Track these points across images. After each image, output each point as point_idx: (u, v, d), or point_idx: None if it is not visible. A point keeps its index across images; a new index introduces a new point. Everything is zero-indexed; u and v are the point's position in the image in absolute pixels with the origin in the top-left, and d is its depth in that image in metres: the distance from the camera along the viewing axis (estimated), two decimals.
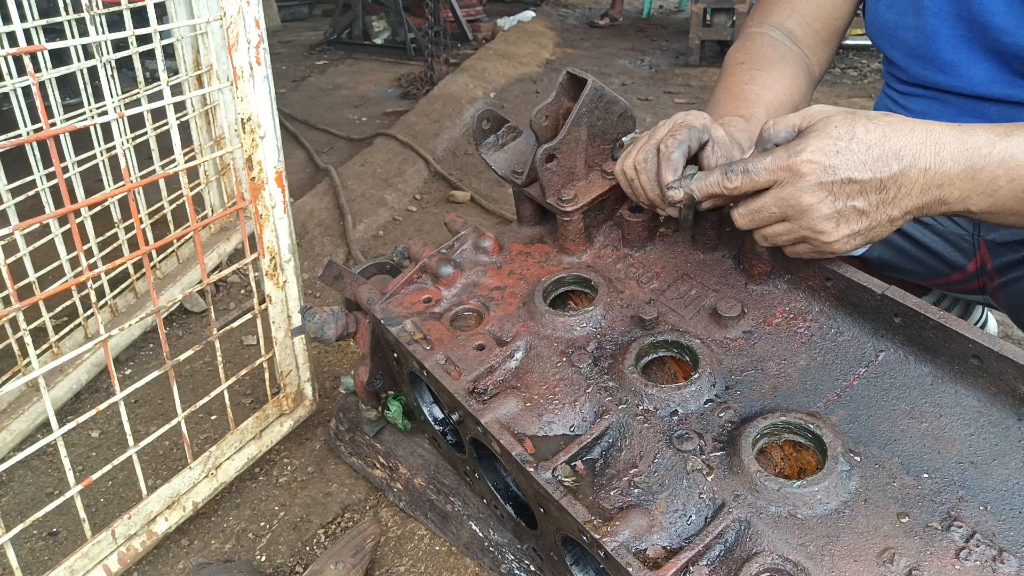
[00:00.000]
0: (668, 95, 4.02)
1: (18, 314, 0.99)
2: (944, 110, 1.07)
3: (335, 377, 1.61)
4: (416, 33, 4.63)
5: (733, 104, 1.07)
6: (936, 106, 1.08)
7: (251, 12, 1.00)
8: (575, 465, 0.79)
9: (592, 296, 0.98)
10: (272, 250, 1.17)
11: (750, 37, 1.20)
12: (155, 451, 1.40)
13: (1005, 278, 1.09)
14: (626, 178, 0.92)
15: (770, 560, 0.66)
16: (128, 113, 0.96)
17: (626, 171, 0.91)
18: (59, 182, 0.88)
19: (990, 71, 0.99)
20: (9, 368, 1.45)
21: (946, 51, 1.02)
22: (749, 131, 1.00)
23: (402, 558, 1.16)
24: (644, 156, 0.88)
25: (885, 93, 1.21)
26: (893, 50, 1.11)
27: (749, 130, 1.01)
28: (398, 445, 1.23)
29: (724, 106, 1.07)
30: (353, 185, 2.57)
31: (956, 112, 1.06)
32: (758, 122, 1.04)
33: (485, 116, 1.06)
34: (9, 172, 1.40)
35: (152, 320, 1.69)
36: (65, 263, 1.49)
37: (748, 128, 1.01)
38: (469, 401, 0.86)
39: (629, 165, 0.91)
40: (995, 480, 0.69)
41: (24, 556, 1.19)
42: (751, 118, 1.03)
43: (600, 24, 6.09)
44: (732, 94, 1.09)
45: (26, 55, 0.84)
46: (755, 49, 1.16)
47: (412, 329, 0.97)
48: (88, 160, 1.59)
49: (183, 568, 1.17)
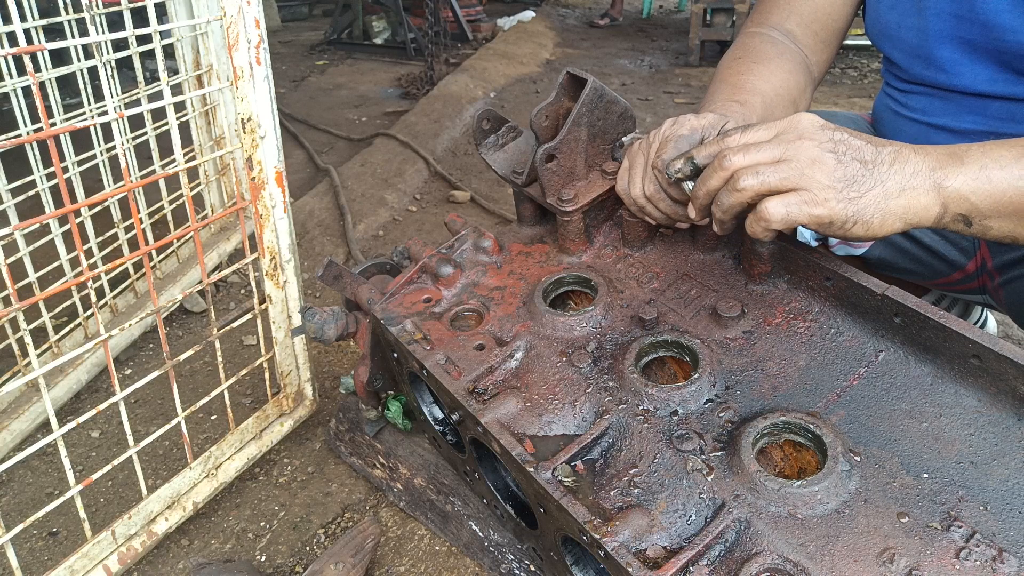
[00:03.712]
0: (668, 95, 4.02)
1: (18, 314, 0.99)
2: (945, 107, 1.07)
3: (335, 377, 1.60)
4: (416, 33, 4.63)
5: (728, 92, 1.05)
6: (936, 103, 1.08)
7: (251, 12, 1.00)
8: (575, 465, 0.79)
9: (592, 296, 0.98)
10: (272, 250, 1.17)
11: (749, 36, 1.19)
12: (155, 451, 1.40)
13: (1005, 277, 1.09)
14: (637, 205, 0.94)
15: (770, 560, 0.66)
16: (128, 113, 0.96)
17: (636, 200, 0.93)
18: (59, 182, 0.88)
19: (991, 70, 0.99)
20: (9, 368, 1.45)
21: (947, 50, 1.02)
22: (744, 115, 0.99)
23: (402, 558, 1.16)
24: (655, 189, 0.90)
25: (885, 92, 1.21)
26: (894, 50, 1.11)
27: (744, 114, 0.99)
28: (398, 445, 1.23)
29: (719, 95, 1.06)
30: (353, 185, 2.57)
31: (957, 108, 1.06)
32: (753, 108, 1.02)
33: (485, 116, 1.06)
34: (9, 172, 1.40)
35: (152, 320, 1.69)
36: (65, 263, 1.49)
37: (743, 112, 1.00)
38: (469, 401, 0.86)
39: (638, 195, 0.92)
40: (995, 480, 0.69)
41: (24, 556, 1.19)
42: (746, 104, 1.02)
43: (600, 24, 6.09)
44: (728, 84, 1.08)
45: (26, 55, 0.84)
46: (753, 46, 1.16)
47: (412, 329, 0.97)
48: (88, 160, 1.59)
49: (183, 568, 1.17)
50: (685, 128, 0.88)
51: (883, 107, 1.22)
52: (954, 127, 1.07)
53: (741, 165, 0.75)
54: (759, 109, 1.03)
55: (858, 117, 1.32)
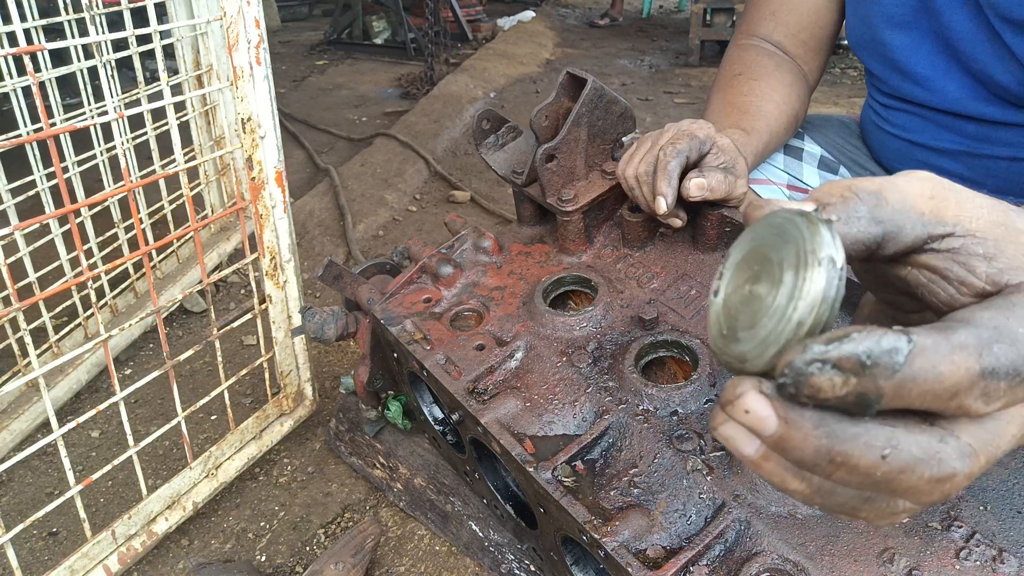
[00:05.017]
0: (668, 95, 4.02)
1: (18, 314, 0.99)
2: (924, 125, 1.08)
3: (335, 377, 1.61)
4: (416, 33, 4.63)
5: (734, 117, 1.07)
6: (916, 121, 1.09)
7: (251, 12, 1.00)
8: (575, 465, 0.79)
9: (592, 296, 0.98)
10: (272, 250, 1.17)
11: (743, 48, 1.20)
12: (155, 451, 1.40)
13: None
14: (627, 185, 0.93)
15: (770, 560, 0.66)
16: (128, 113, 0.96)
17: (627, 179, 0.92)
18: (59, 182, 0.88)
19: (965, 88, 0.99)
20: (9, 368, 1.45)
21: (923, 66, 1.02)
22: (751, 145, 1.01)
23: (402, 558, 1.16)
24: (645, 169, 0.89)
25: (869, 104, 1.22)
26: (872, 61, 1.11)
27: (751, 144, 1.02)
28: (398, 445, 1.23)
29: (724, 119, 1.07)
30: (353, 185, 2.57)
31: (935, 128, 1.06)
32: (759, 135, 1.04)
33: (485, 116, 1.06)
34: (9, 172, 1.40)
35: (152, 320, 1.69)
36: (65, 263, 1.49)
37: (750, 142, 1.02)
38: (469, 401, 0.86)
39: (631, 175, 0.91)
40: (995, 480, 0.69)
41: (24, 556, 1.19)
42: (752, 132, 1.04)
43: (600, 24, 6.09)
44: (732, 106, 1.09)
45: (26, 55, 0.84)
46: (750, 60, 1.16)
47: (412, 329, 0.97)
48: (88, 160, 1.59)
49: (183, 568, 1.17)
50: (702, 132, 0.88)
51: (868, 120, 1.23)
52: (934, 146, 1.08)
53: None
54: (764, 136, 1.06)
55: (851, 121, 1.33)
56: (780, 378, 0.33)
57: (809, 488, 0.37)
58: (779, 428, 0.34)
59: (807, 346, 0.32)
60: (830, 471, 0.34)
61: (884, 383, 0.32)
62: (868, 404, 0.33)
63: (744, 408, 0.34)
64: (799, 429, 0.33)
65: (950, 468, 0.35)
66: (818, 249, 0.34)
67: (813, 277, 0.34)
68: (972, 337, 0.34)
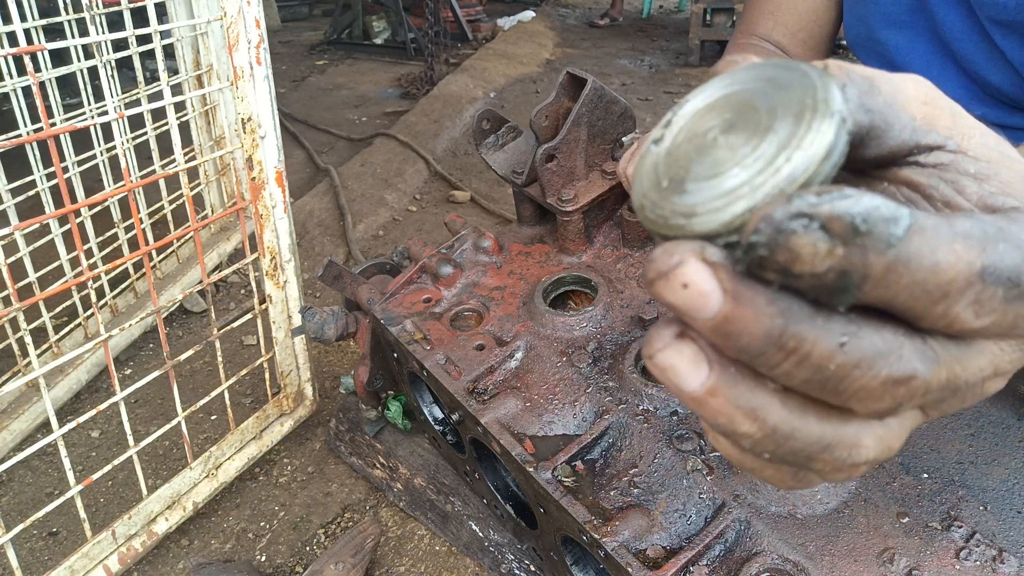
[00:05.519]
0: (668, 95, 4.02)
1: (18, 314, 0.99)
2: None
3: (335, 377, 1.60)
4: (416, 33, 4.63)
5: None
6: None
7: (251, 12, 1.00)
8: (575, 465, 0.79)
9: (592, 296, 0.98)
10: (272, 250, 1.17)
11: (742, 48, 1.20)
12: (155, 451, 1.40)
13: None
14: (627, 185, 0.93)
15: (770, 560, 0.66)
16: (128, 113, 0.96)
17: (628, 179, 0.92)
18: (59, 182, 0.88)
19: (961, 89, 0.99)
20: (9, 368, 1.45)
21: (919, 66, 1.02)
22: None
23: (402, 558, 1.16)
24: None
25: None
26: (870, 60, 1.11)
27: None
28: (398, 445, 1.23)
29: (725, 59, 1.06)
30: (353, 185, 2.57)
31: None
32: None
33: (485, 116, 1.06)
34: (9, 172, 1.40)
35: (152, 320, 1.69)
36: (65, 263, 1.49)
37: None
38: (469, 401, 0.86)
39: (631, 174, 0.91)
40: (995, 480, 0.69)
41: (24, 556, 1.19)
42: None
43: (600, 24, 6.09)
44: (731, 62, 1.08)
45: (26, 55, 0.84)
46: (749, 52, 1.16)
47: (412, 329, 0.97)
48: (88, 160, 1.59)
49: (183, 568, 1.17)
50: None
51: None
52: None
53: None
54: None
55: None
56: (751, 236, 0.25)
57: (761, 431, 0.30)
58: (725, 304, 0.26)
59: (794, 196, 0.25)
60: (776, 361, 0.28)
61: (874, 259, 0.26)
62: (845, 290, 0.26)
63: (682, 281, 0.26)
64: (749, 305, 0.26)
65: (910, 367, 0.29)
66: (831, 101, 0.28)
67: (822, 128, 0.27)
68: (976, 228, 0.28)
